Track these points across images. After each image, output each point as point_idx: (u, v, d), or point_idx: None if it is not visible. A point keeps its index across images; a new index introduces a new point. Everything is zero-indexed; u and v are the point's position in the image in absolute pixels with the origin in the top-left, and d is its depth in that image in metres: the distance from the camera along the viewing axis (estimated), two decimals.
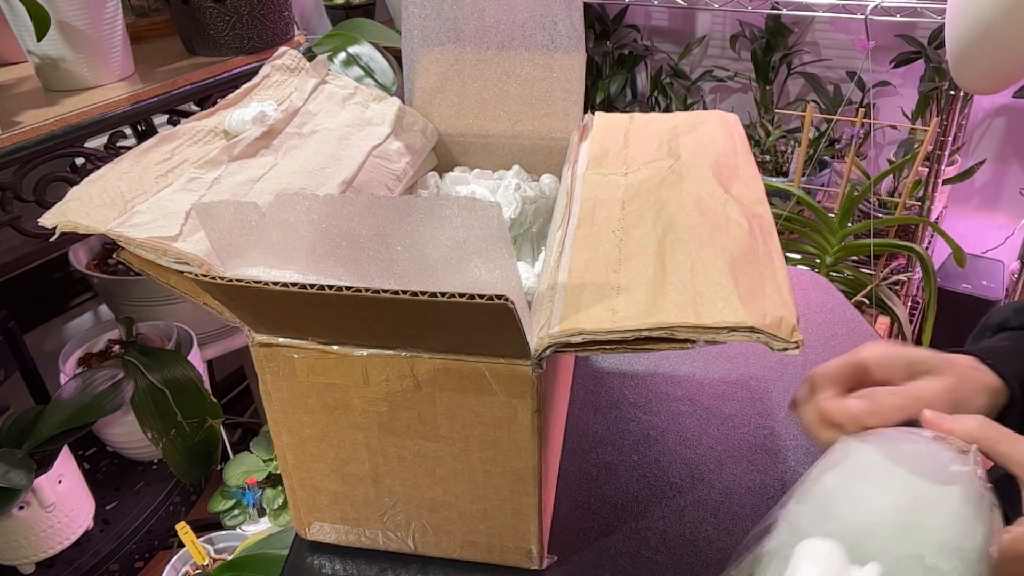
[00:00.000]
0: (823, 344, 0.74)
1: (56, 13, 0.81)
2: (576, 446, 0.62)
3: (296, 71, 0.66)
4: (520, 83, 0.68)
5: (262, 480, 1.19)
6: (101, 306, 1.34)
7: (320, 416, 0.47)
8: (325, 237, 0.39)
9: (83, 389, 0.92)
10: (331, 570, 0.53)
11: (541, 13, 0.65)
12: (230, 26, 0.96)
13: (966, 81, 0.76)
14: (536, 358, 0.41)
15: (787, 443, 0.62)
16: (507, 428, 0.44)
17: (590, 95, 1.82)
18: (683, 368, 0.71)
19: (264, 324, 0.43)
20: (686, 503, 0.57)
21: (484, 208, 0.36)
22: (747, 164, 0.57)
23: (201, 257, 0.43)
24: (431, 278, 0.38)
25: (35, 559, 0.90)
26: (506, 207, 0.61)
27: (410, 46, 0.69)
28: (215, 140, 0.56)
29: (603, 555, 0.53)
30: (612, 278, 0.43)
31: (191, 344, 1.09)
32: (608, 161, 0.58)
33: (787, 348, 0.38)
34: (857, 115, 1.41)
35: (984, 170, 1.64)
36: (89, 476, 1.02)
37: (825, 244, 1.44)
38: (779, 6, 1.43)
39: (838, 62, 1.70)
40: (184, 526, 1.02)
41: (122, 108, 0.85)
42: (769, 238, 0.47)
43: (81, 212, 0.44)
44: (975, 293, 1.58)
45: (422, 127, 0.68)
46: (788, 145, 1.65)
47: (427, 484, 0.48)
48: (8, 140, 0.75)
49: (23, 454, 0.85)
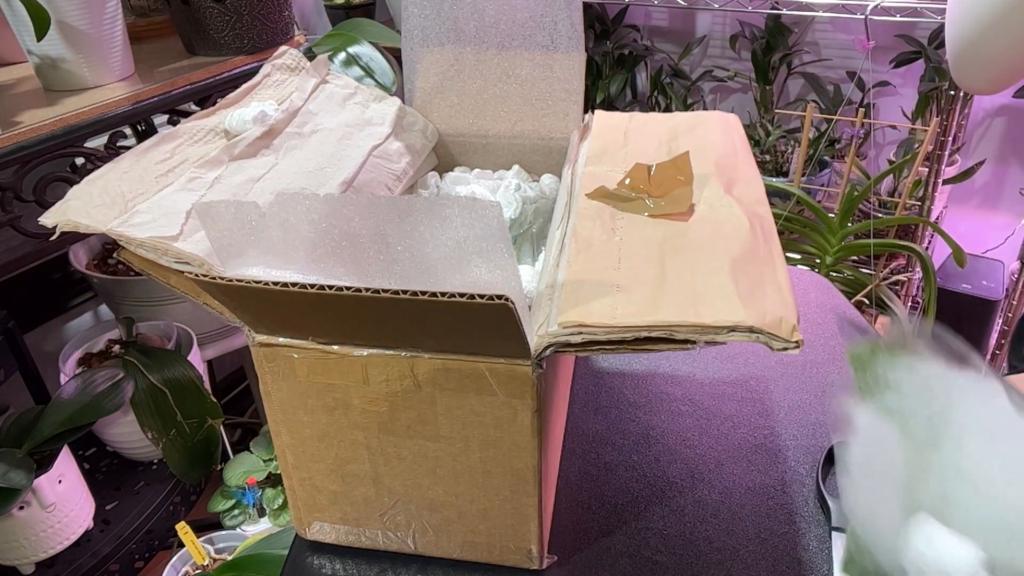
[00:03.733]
0: (823, 344, 0.74)
1: (56, 13, 0.81)
2: (576, 446, 0.62)
3: (296, 70, 0.66)
4: (520, 83, 0.68)
5: (262, 480, 1.19)
6: (101, 306, 1.34)
7: (320, 416, 0.47)
8: (325, 237, 0.39)
9: (83, 389, 0.92)
10: (331, 570, 0.53)
11: (541, 13, 0.65)
12: (230, 26, 0.96)
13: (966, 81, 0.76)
14: (536, 358, 0.41)
15: (787, 443, 0.62)
16: (507, 428, 0.44)
17: (590, 95, 1.82)
18: (683, 368, 0.71)
19: (264, 324, 0.43)
20: (686, 503, 0.57)
21: (484, 208, 0.36)
22: (747, 164, 0.57)
23: (201, 257, 0.43)
24: (431, 278, 0.38)
25: (35, 559, 0.90)
26: (506, 207, 0.61)
27: (410, 46, 0.69)
28: (215, 140, 0.56)
29: (603, 555, 0.53)
30: (612, 276, 0.43)
31: (191, 344, 1.09)
32: (608, 159, 0.58)
33: (787, 347, 0.38)
34: (857, 115, 1.41)
35: (984, 170, 1.64)
36: (89, 476, 1.02)
37: (825, 244, 1.44)
38: (779, 6, 1.44)
39: (838, 62, 1.70)
40: (184, 526, 1.02)
41: (122, 108, 0.85)
42: (770, 238, 0.47)
43: (81, 211, 0.44)
44: (975, 293, 1.58)
45: (422, 127, 0.68)
46: (788, 145, 1.65)
47: (427, 484, 0.48)
48: (8, 140, 0.75)
49: (23, 454, 0.85)
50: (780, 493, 0.57)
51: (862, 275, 1.47)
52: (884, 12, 1.31)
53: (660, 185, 0.51)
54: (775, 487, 0.58)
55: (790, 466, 0.60)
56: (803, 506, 0.56)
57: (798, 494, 0.57)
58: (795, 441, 0.62)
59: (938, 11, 1.26)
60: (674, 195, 0.50)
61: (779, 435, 0.63)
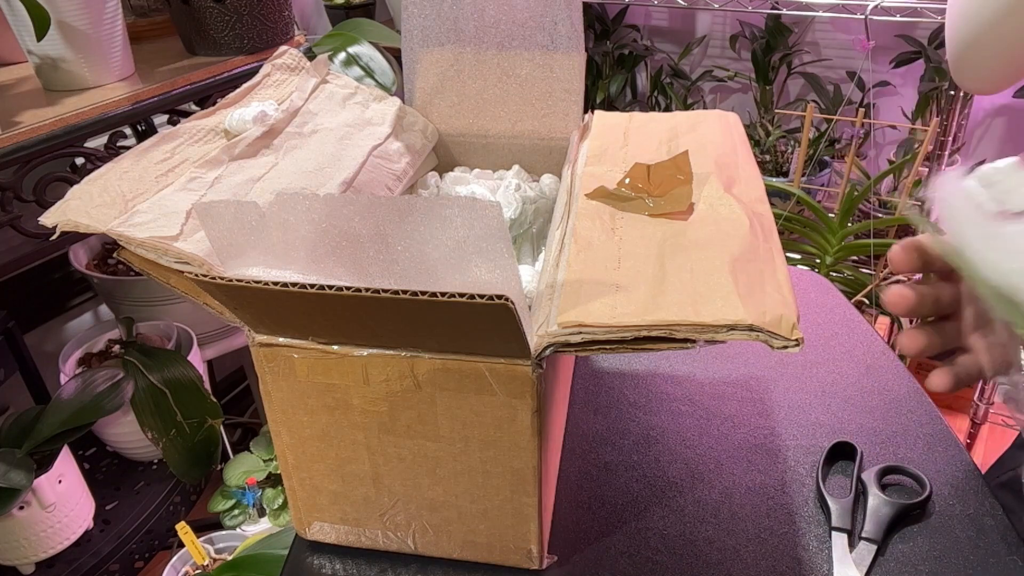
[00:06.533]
0: (823, 344, 0.74)
1: (56, 13, 0.81)
2: (576, 446, 0.62)
3: (296, 70, 0.66)
4: (520, 83, 0.68)
5: (262, 480, 1.19)
6: (101, 306, 1.34)
7: (320, 416, 0.47)
8: (325, 237, 0.39)
9: (83, 389, 0.92)
10: (331, 570, 0.53)
11: (541, 13, 0.65)
12: (230, 26, 0.96)
13: (966, 81, 0.76)
14: (536, 358, 0.41)
15: (787, 443, 0.62)
16: (507, 428, 0.44)
17: (590, 95, 1.82)
18: (683, 368, 0.71)
19: (264, 324, 0.43)
20: (686, 503, 0.57)
21: (484, 208, 0.36)
22: (747, 163, 0.57)
23: (202, 257, 0.43)
24: (431, 278, 0.38)
25: (35, 559, 0.91)
26: (506, 207, 0.61)
27: (410, 46, 0.69)
28: (215, 139, 0.56)
29: (603, 555, 0.53)
30: (612, 276, 0.43)
31: (191, 344, 1.09)
32: (607, 159, 0.58)
33: (787, 346, 0.38)
34: (857, 115, 1.41)
35: None
36: (89, 476, 1.02)
37: (825, 244, 1.44)
38: (779, 6, 1.44)
39: (838, 62, 1.70)
40: (184, 526, 1.02)
41: (122, 108, 0.85)
42: (770, 236, 0.47)
43: (81, 211, 0.44)
44: None
45: (422, 127, 0.68)
46: (788, 145, 1.65)
47: (427, 484, 0.48)
48: (8, 140, 0.75)
49: (23, 454, 0.85)
50: (780, 493, 0.57)
51: (862, 275, 1.47)
52: (884, 12, 1.31)
53: (660, 184, 0.51)
54: (775, 487, 0.58)
55: (790, 466, 0.60)
56: (803, 506, 0.56)
57: (798, 494, 0.57)
58: (795, 441, 0.62)
59: (938, 11, 1.26)
60: (674, 194, 0.50)
61: (779, 435, 0.63)
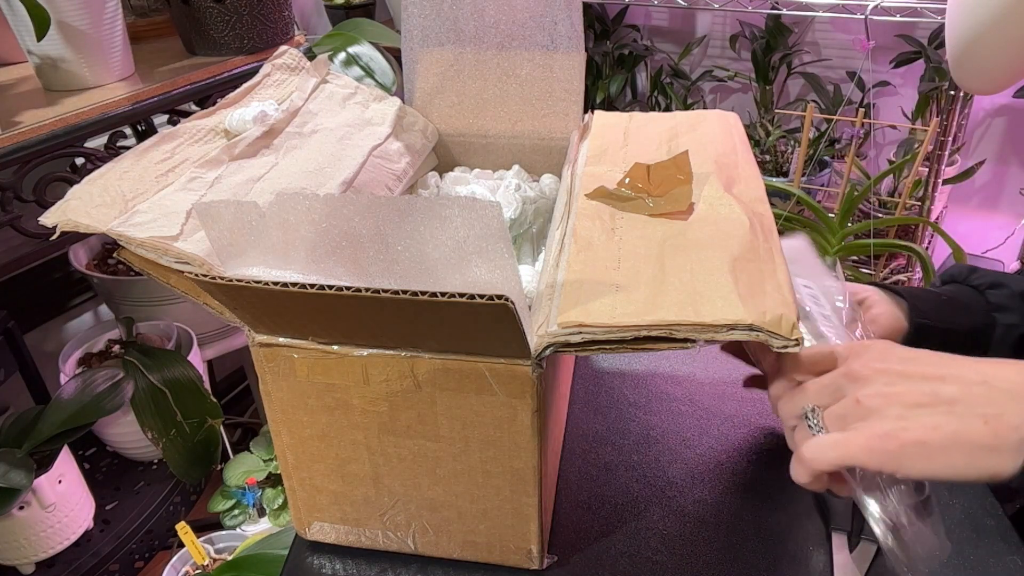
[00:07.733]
0: None
1: (56, 13, 0.81)
2: (576, 446, 0.62)
3: (296, 70, 0.66)
4: (520, 83, 0.68)
5: (262, 480, 1.19)
6: (101, 306, 1.34)
7: (320, 416, 0.47)
8: (325, 237, 0.39)
9: (83, 389, 0.92)
10: (331, 570, 0.53)
11: (541, 13, 0.65)
12: (230, 26, 0.96)
13: (966, 81, 0.76)
14: (536, 358, 0.41)
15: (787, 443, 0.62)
16: (507, 428, 0.44)
17: (590, 95, 1.82)
18: (683, 368, 0.71)
19: (264, 324, 0.43)
20: (686, 503, 0.57)
21: (484, 208, 0.36)
22: (747, 163, 0.57)
23: (202, 257, 0.43)
24: (431, 278, 0.38)
25: (35, 559, 0.91)
26: (506, 207, 0.61)
27: (410, 46, 0.69)
28: (216, 139, 0.56)
29: (603, 555, 0.53)
30: (612, 276, 0.43)
31: (191, 344, 1.09)
32: (608, 159, 0.58)
33: (787, 345, 0.39)
34: (857, 115, 1.41)
35: (984, 170, 1.64)
36: (89, 476, 1.02)
37: (825, 244, 1.44)
38: (779, 6, 1.43)
39: (838, 62, 1.70)
40: (184, 526, 1.02)
41: (122, 108, 0.85)
42: (770, 236, 0.47)
43: (82, 211, 0.44)
44: None
45: (422, 127, 0.68)
46: (788, 145, 1.65)
47: (427, 484, 0.48)
48: (8, 140, 0.75)
49: (23, 454, 0.85)
50: (780, 493, 0.57)
51: (862, 275, 1.47)
52: (884, 12, 1.31)
53: (660, 184, 0.51)
54: (775, 487, 0.58)
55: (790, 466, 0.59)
56: (803, 506, 0.56)
57: (798, 494, 0.57)
58: None
59: (938, 11, 1.26)
60: (674, 194, 0.50)
61: (779, 435, 0.63)
